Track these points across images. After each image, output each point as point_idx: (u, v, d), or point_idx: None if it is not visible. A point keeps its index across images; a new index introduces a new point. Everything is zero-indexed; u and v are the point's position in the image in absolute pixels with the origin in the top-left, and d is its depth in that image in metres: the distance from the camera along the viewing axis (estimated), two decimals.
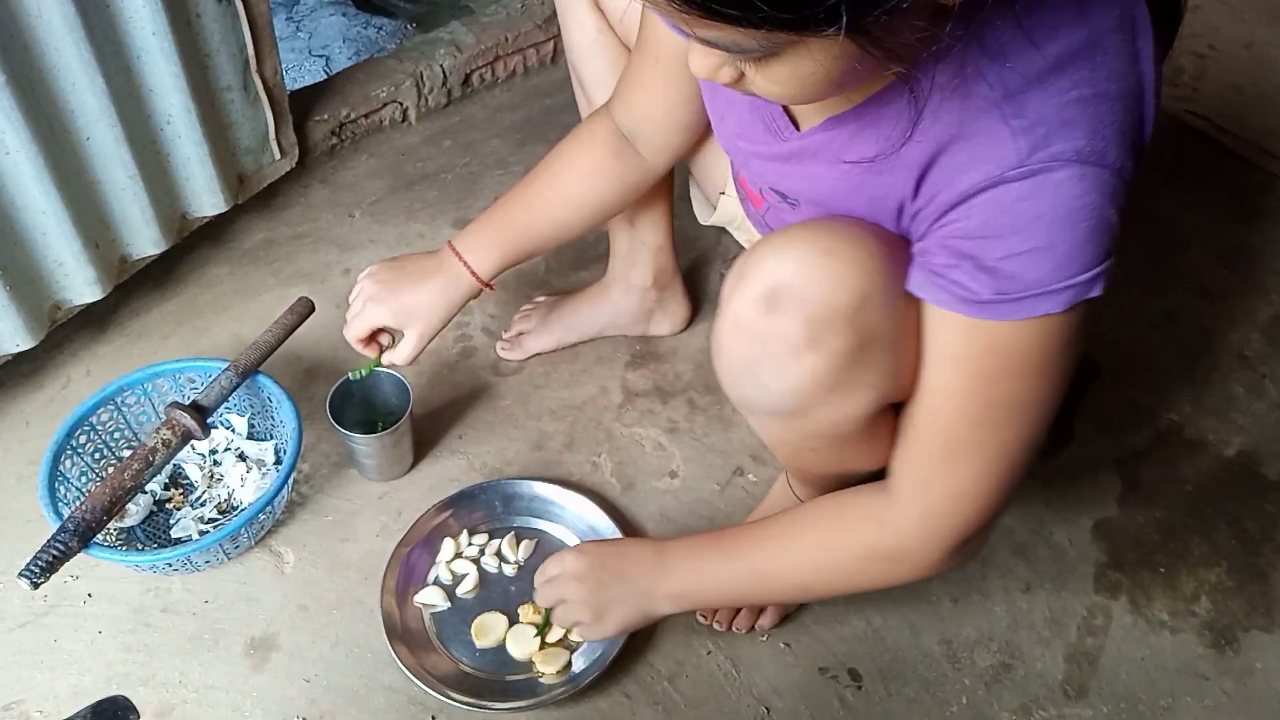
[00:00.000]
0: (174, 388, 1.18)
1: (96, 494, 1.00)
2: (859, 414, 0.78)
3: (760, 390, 0.78)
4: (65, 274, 1.21)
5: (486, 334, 1.38)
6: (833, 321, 0.71)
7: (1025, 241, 0.64)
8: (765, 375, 0.76)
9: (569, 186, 1.05)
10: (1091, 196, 0.62)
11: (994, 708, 1.03)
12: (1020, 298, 0.65)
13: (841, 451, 0.86)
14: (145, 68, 1.20)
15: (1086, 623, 1.11)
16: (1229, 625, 1.11)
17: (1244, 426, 1.30)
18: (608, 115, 1.03)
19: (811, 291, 0.71)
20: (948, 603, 1.11)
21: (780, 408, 0.79)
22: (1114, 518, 1.20)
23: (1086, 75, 0.62)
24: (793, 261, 0.72)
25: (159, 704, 1.01)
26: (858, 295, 0.71)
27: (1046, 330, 0.67)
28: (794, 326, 0.72)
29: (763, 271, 0.74)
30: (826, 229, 0.73)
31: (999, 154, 0.63)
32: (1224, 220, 1.60)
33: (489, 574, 1.11)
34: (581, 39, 1.09)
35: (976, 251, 0.66)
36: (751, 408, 0.84)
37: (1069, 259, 0.64)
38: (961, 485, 0.76)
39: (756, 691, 1.04)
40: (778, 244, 0.74)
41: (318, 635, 1.06)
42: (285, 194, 1.56)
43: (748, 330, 0.75)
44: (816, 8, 0.50)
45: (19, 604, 1.08)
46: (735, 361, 0.79)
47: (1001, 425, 0.73)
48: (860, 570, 0.84)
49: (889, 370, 0.75)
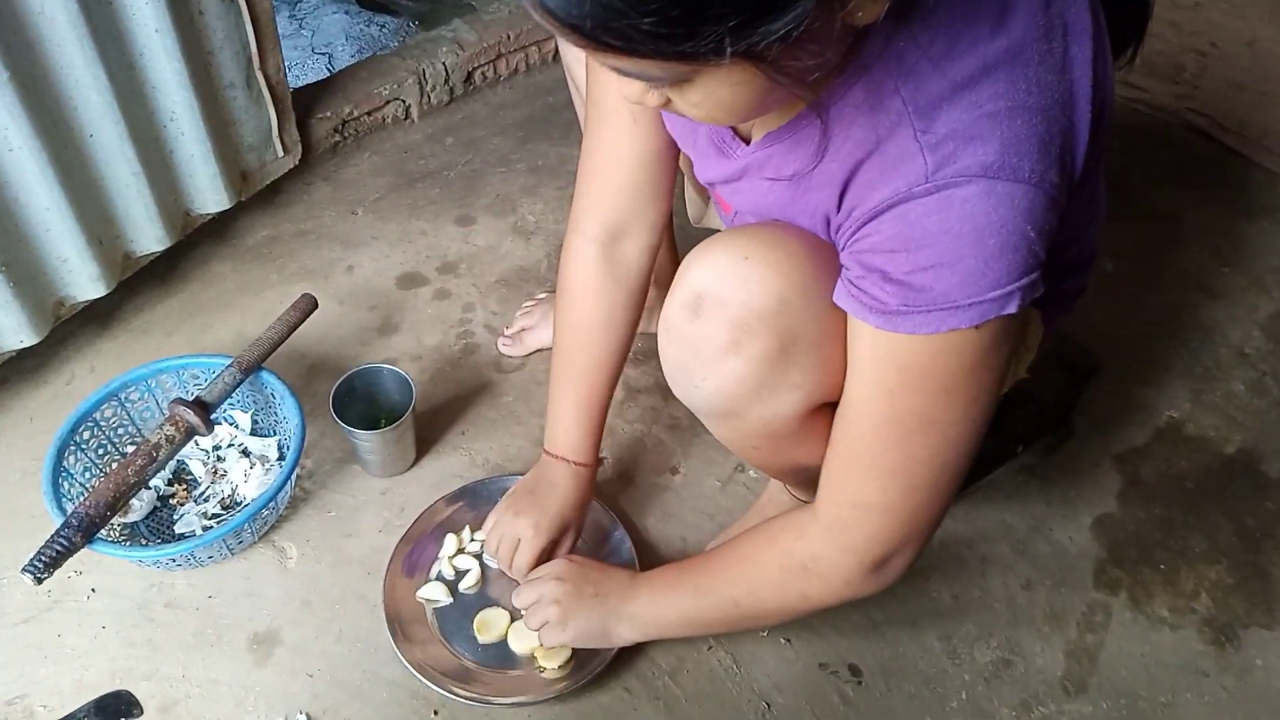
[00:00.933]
0: (178, 384, 1.18)
1: (100, 489, 1.00)
2: (788, 413, 0.79)
3: (693, 392, 0.81)
4: (69, 270, 1.22)
5: (489, 330, 1.39)
6: (752, 324, 0.74)
7: (931, 256, 0.63)
8: (695, 377, 0.79)
9: (598, 340, 1.03)
10: (1002, 213, 0.61)
11: (994, 703, 1.04)
12: (926, 310, 0.64)
13: (780, 448, 0.87)
14: (148, 65, 1.21)
15: (1086, 619, 1.11)
16: (1229, 622, 1.12)
17: (1244, 424, 1.31)
18: (585, 243, 0.98)
19: (731, 295, 0.74)
20: (948, 599, 1.11)
21: (713, 408, 0.82)
22: (1114, 514, 1.20)
23: (1003, 88, 0.61)
24: (715, 267, 0.75)
25: (162, 699, 1.01)
26: (775, 298, 0.73)
27: (955, 346, 0.66)
28: (717, 330, 0.75)
29: (689, 278, 0.77)
30: (749, 235, 0.76)
31: (908, 170, 0.63)
32: (1225, 217, 1.60)
33: (491, 569, 1.12)
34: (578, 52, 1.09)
35: (885, 265, 0.66)
36: (692, 407, 0.86)
37: (977, 275, 0.62)
38: (867, 497, 0.75)
39: (757, 687, 1.04)
40: (703, 251, 0.77)
41: (321, 630, 1.07)
42: (288, 191, 1.56)
43: (678, 334, 0.78)
44: (699, 40, 0.51)
45: (23, 599, 1.08)
46: (670, 364, 0.82)
47: (906, 441, 0.71)
48: (780, 582, 0.83)
49: (815, 370, 0.76)
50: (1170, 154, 1.70)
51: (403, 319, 1.40)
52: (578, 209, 0.98)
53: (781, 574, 0.83)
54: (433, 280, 1.45)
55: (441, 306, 1.42)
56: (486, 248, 1.51)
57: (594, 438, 1.05)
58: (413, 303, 1.42)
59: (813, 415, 0.81)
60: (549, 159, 1.65)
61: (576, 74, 1.14)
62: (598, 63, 0.58)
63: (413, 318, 1.40)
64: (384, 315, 1.40)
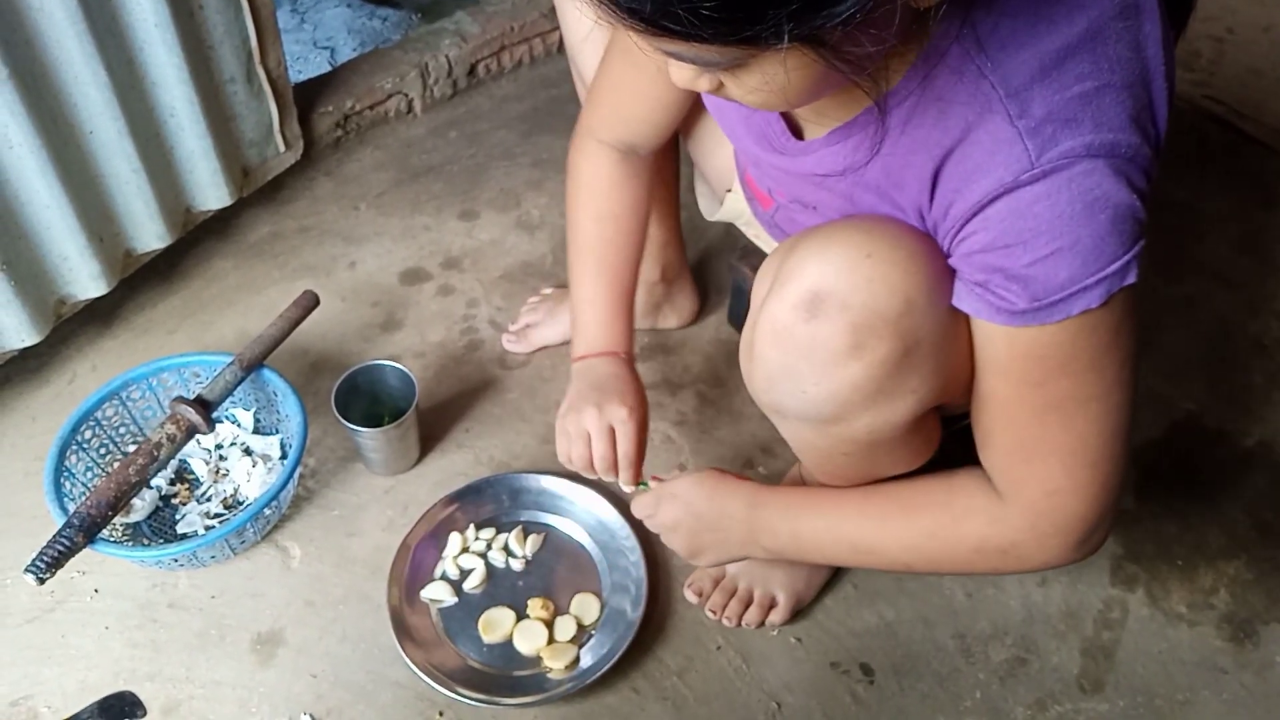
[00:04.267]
0: (179, 382, 1.17)
1: (102, 489, 1.00)
2: (900, 420, 0.76)
3: (798, 398, 0.76)
4: (70, 268, 1.21)
5: (493, 327, 1.37)
6: (877, 327, 0.70)
7: (1049, 244, 0.63)
8: (805, 382, 0.74)
9: (619, 227, 1.02)
10: (1106, 186, 0.62)
11: (1009, 702, 1.02)
12: (1055, 300, 0.65)
13: (874, 457, 0.84)
14: (148, 60, 1.20)
15: (1103, 616, 1.09)
16: (1248, 618, 1.10)
17: (1263, 416, 1.28)
18: (594, 142, 1.00)
19: (855, 297, 0.69)
20: (961, 596, 1.10)
21: (819, 415, 0.77)
22: (1130, 509, 1.18)
23: (1088, 68, 0.62)
24: (834, 265, 0.70)
25: (165, 699, 1.00)
26: (902, 299, 0.69)
27: (1090, 326, 0.67)
28: (837, 333, 0.70)
29: (803, 275, 0.71)
30: (866, 230, 0.72)
31: (1009, 157, 0.63)
32: (1242, 206, 1.57)
33: (496, 568, 1.10)
34: (580, 29, 1.08)
35: (1003, 262, 0.65)
36: (785, 413, 0.81)
37: (1095, 253, 0.63)
38: (1053, 482, 0.75)
39: (767, 687, 1.02)
40: (817, 246, 0.72)
41: (324, 630, 1.06)
42: (290, 187, 1.55)
43: (787, 336, 0.73)
44: (761, 24, 0.50)
45: (26, 599, 1.08)
46: (772, 368, 0.76)
47: (1070, 422, 0.72)
48: (975, 561, 0.82)
49: (934, 375, 0.74)
50: (1186, 141, 1.68)
51: (406, 315, 1.38)
52: (592, 119, 0.99)
53: (977, 555, 0.81)
54: (436, 276, 1.44)
55: (445, 302, 1.41)
56: (490, 242, 1.49)
57: (633, 331, 1.04)
58: (416, 299, 1.41)
59: (915, 422, 0.78)
60: (553, 152, 1.63)
61: (581, 66, 1.13)
62: (652, 48, 0.56)
63: (416, 314, 1.39)
64: (387, 311, 1.39)
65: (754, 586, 1.06)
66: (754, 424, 1.25)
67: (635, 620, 1.03)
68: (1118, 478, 0.76)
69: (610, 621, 1.05)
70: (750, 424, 1.25)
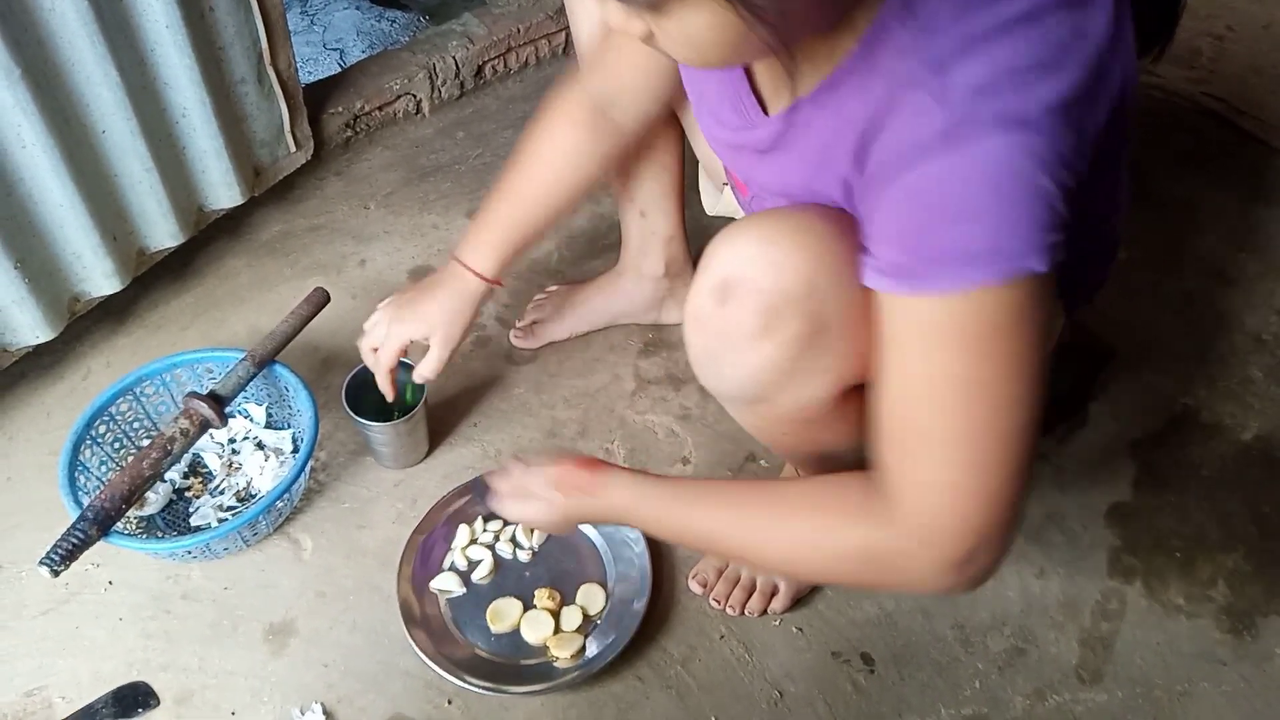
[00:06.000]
0: (192, 378, 1.19)
1: (115, 483, 1.01)
2: (820, 397, 0.79)
3: (721, 379, 0.81)
4: (84, 266, 1.23)
5: (500, 323, 1.39)
6: (783, 309, 0.73)
7: (951, 212, 0.62)
8: (724, 365, 0.78)
9: (554, 172, 1.05)
10: (1019, 163, 0.60)
11: (1007, 692, 1.03)
12: (949, 268, 0.63)
13: (811, 433, 0.86)
14: (159, 61, 1.21)
15: (1101, 607, 1.10)
16: (1247, 610, 1.11)
17: (1261, 410, 1.29)
18: (578, 88, 1.02)
19: (761, 279, 0.73)
20: None
21: (742, 395, 0.81)
22: (1128, 502, 1.20)
23: (1021, 46, 0.60)
24: (742, 251, 0.74)
25: (179, 689, 1.02)
26: (805, 281, 0.72)
27: (985, 304, 0.63)
28: (746, 316, 0.74)
29: (715, 263, 0.76)
30: (774, 218, 0.75)
31: (923, 124, 0.62)
32: (1241, 203, 1.58)
33: (504, 560, 1.12)
34: (591, 30, 1.10)
35: (906, 226, 0.64)
36: (719, 395, 0.86)
37: (998, 227, 0.61)
38: (932, 476, 0.68)
39: (769, 675, 1.04)
40: (729, 235, 0.76)
41: (335, 621, 1.07)
42: (301, 186, 1.57)
43: (705, 321, 0.77)
44: None
45: (41, 591, 1.09)
46: (697, 352, 0.81)
47: (951, 409, 0.66)
48: (861, 573, 0.76)
49: (846, 354, 0.76)
50: (1186, 139, 1.69)
51: None
52: (584, 64, 1.02)
53: (859, 566, 0.74)
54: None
55: None
56: None
57: (501, 255, 1.06)
58: None
59: (844, 398, 0.80)
60: None
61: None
62: None
63: None
64: None
65: (756, 575, 1.07)
66: None
67: (640, 610, 1.05)
68: (1007, 493, 0.67)
69: (615, 611, 1.07)
70: None
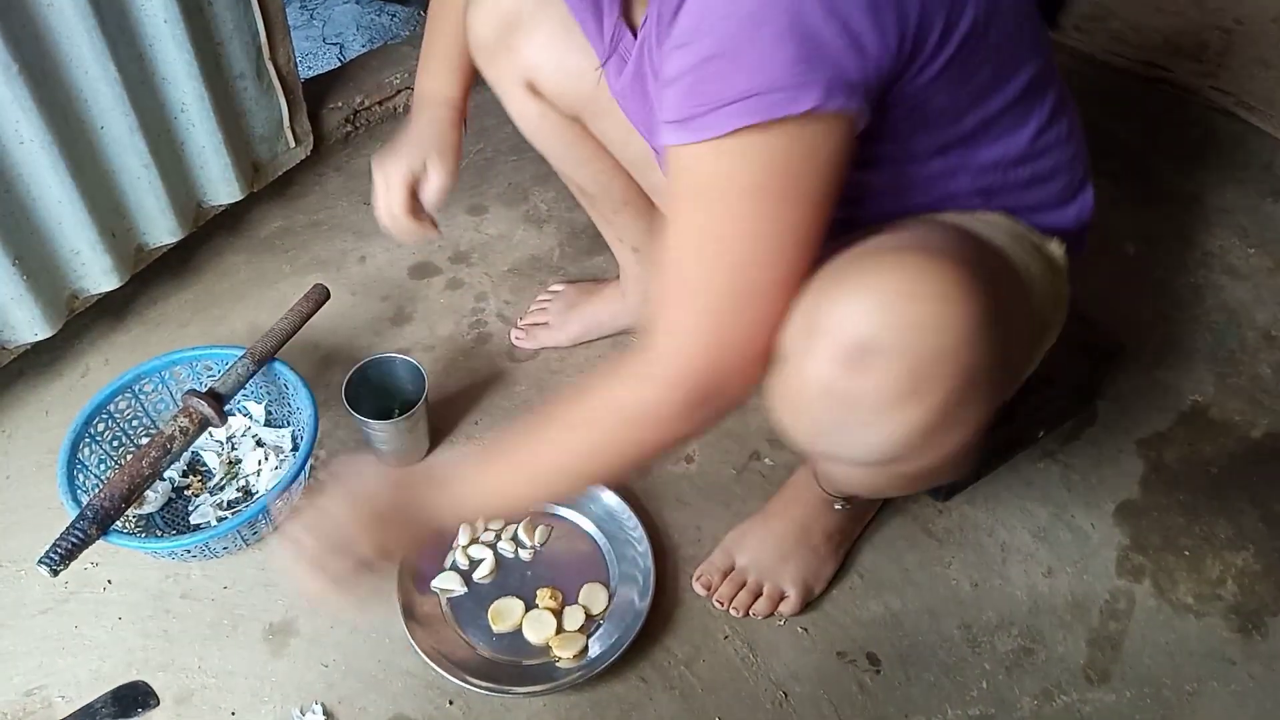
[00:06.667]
0: (191, 375, 1.18)
1: (114, 481, 1.01)
2: (964, 441, 0.70)
3: (852, 448, 0.70)
4: (82, 263, 1.22)
5: (501, 320, 1.38)
6: (934, 371, 0.64)
7: (711, 46, 0.60)
8: (859, 434, 0.68)
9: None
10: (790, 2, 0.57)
11: (1015, 692, 1.02)
12: (712, 109, 0.61)
13: (933, 475, 0.76)
14: (158, 56, 1.21)
15: (1109, 607, 1.09)
16: (1256, 609, 1.09)
17: (1271, 407, 1.28)
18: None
19: (905, 344, 0.63)
20: (967, 587, 1.10)
21: (874, 459, 0.71)
22: (1137, 500, 1.18)
23: None
24: (876, 314, 0.63)
25: (178, 689, 1.01)
26: (957, 337, 0.63)
27: (747, 149, 0.62)
28: (890, 382, 0.64)
29: (842, 327, 0.64)
30: (903, 263, 0.65)
31: None
32: (1251, 197, 1.57)
33: (505, 559, 1.11)
34: (527, 127, 1.12)
35: (677, 66, 0.62)
36: (836, 459, 0.76)
37: (757, 66, 0.59)
38: (677, 322, 0.69)
39: (774, 676, 1.03)
40: (851, 290, 0.65)
41: (336, 621, 1.06)
42: (300, 182, 1.56)
43: (832, 392, 0.66)
44: None
45: (40, 591, 1.09)
46: (821, 423, 0.70)
47: (702, 257, 0.67)
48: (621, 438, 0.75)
49: (996, 390, 0.69)
50: (1193, 133, 1.67)
51: (415, 309, 1.39)
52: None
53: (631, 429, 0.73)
54: (445, 270, 1.45)
55: (454, 296, 1.41)
56: (498, 236, 1.50)
57: (461, 81, 1.06)
58: (425, 292, 1.41)
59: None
60: None
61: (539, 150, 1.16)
62: None
63: (425, 307, 1.39)
64: (396, 305, 1.40)
65: (763, 580, 1.06)
66: (760, 416, 1.25)
67: (643, 610, 1.04)
68: (744, 335, 0.69)
69: (618, 611, 1.06)
70: (756, 416, 1.26)
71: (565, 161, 1.15)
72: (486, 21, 1.02)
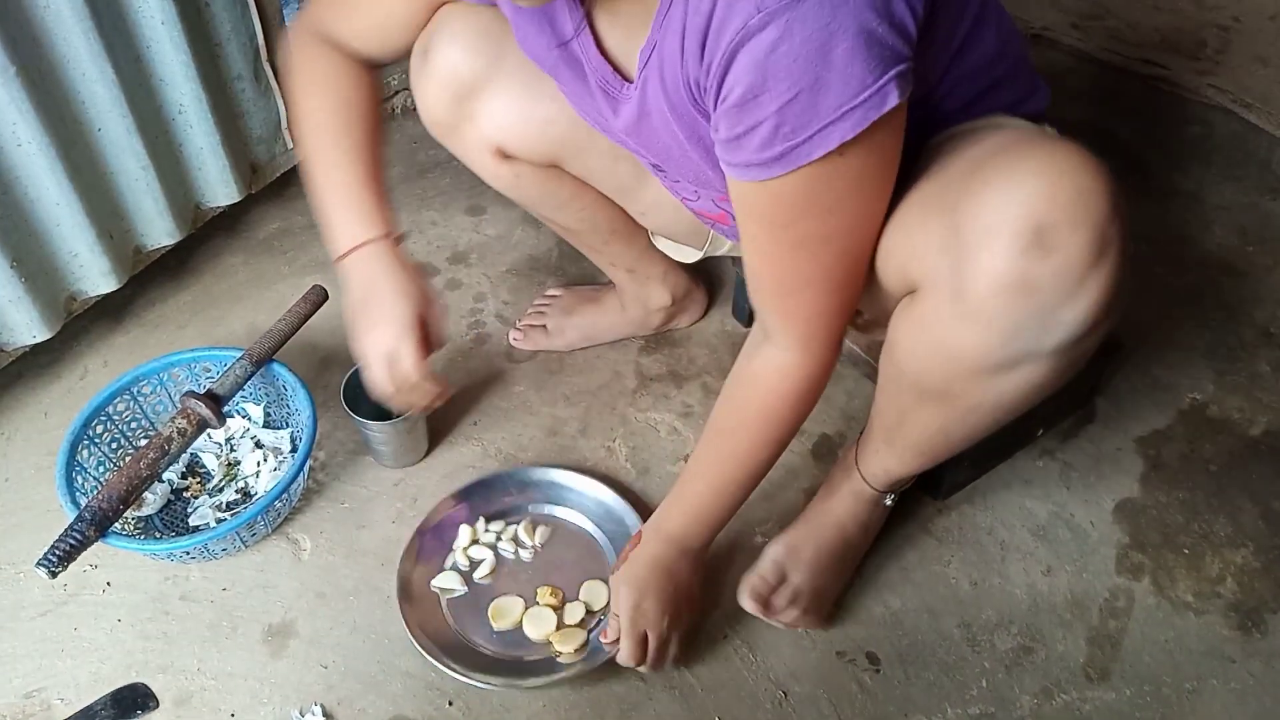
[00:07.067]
0: (190, 377, 1.18)
1: (113, 483, 1.00)
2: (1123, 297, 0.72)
3: (1047, 334, 0.71)
4: (80, 265, 1.22)
5: (500, 320, 1.38)
6: (1108, 227, 0.66)
7: (789, 86, 0.63)
8: (1056, 315, 0.69)
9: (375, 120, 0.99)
10: (840, 18, 0.60)
11: (1014, 691, 1.02)
12: (807, 139, 0.65)
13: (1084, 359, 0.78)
14: (155, 57, 1.21)
15: (1109, 605, 1.09)
16: (1256, 607, 1.09)
17: (1270, 405, 1.28)
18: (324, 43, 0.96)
19: (1078, 212, 0.65)
20: (966, 586, 1.10)
21: (1073, 336, 0.71)
22: (1136, 499, 1.18)
23: None
24: (1036, 196, 0.65)
25: (178, 691, 1.01)
26: (1114, 192, 0.66)
27: (846, 160, 0.67)
28: (1078, 250, 0.66)
29: (1008, 221, 0.66)
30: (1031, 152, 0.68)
31: (742, 7, 0.62)
32: (1249, 195, 1.57)
33: (505, 559, 1.11)
34: (503, 187, 1.10)
35: (754, 114, 0.65)
36: (1023, 359, 0.74)
37: (839, 86, 0.62)
38: (813, 307, 0.80)
39: (774, 676, 1.03)
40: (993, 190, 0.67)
41: (335, 621, 1.06)
42: (298, 184, 1.55)
43: (1024, 283, 0.67)
44: None
45: (39, 593, 1.09)
46: (1013, 323, 0.70)
47: (816, 256, 0.76)
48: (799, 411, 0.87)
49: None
50: (1192, 131, 1.67)
51: None
52: (324, 13, 0.96)
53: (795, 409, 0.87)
54: (443, 270, 1.45)
55: (453, 296, 1.41)
56: (497, 237, 1.50)
57: (391, 210, 0.97)
58: None
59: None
60: None
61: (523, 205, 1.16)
62: None
63: None
64: None
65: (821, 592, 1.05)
66: None
67: None
68: (860, 288, 0.81)
69: None
70: None
71: (546, 207, 1.13)
72: (439, 97, 0.99)
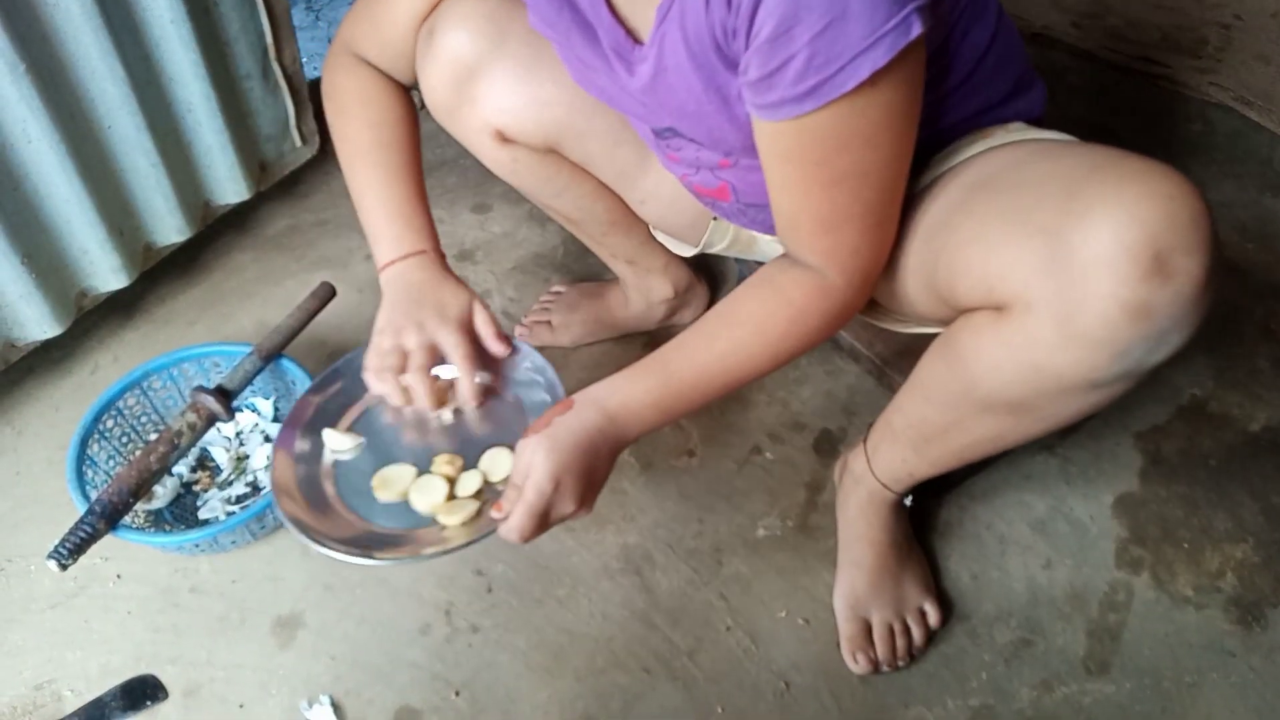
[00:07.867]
0: (199, 372, 1.20)
1: (123, 476, 1.02)
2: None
3: (1155, 353, 0.71)
4: (91, 262, 1.23)
5: (506, 317, 1.39)
6: (1213, 250, 0.66)
7: (820, 18, 0.64)
8: (1167, 337, 0.69)
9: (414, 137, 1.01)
10: None
11: (1014, 684, 1.03)
12: (839, 70, 0.66)
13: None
14: (165, 56, 1.22)
15: (1108, 598, 1.10)
16: (1255, 601, 1.10)
17: (1269, 401, 1.29)
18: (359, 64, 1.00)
19: (1192, 236, 0.65)
20: (966, 579, 1.11)
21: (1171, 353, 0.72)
22: (1135, 493, 1.19)
23: None
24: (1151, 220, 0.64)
25: (187, 682, 1.03)
26: (1207, 212, 0.66)
27: (879, 90, 0.68)
28: (1196, 274, 0.66)
29: (1119, 243, 0.65)
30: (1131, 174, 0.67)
31: None
32: (1249, 192, 1.57)
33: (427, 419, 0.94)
34: (502, 172, 1.10)
35: (785, 49, 0.66)
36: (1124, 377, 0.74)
37: (868, 13, 0.64)
38: (855, 243, 0.79)
39: (775, 667, 1.04)
40: (1102, 209, 0.66)
41: (342, 613, 1.08)
42: (307, 181, 1.57)
43: (1144, 308, 0.67)
44: None
45: (50, 585, 1.10)
46: (1125, 347, 0.70)
47: (857, 193, 0.76)
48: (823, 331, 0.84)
49: None
50: (1192, 129, 1.68)
51: None
52: (355, 34, 0.99)
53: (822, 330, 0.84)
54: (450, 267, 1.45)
55: None
56: (503, 234, 1.51)
57: (435, 227, 0.99)
58: None
59: None
60: None
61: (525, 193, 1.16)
62: None
63: None
64: None
65: (903, 614, 1.05)
66: (761, 410, 1.26)
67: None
68: (895, 231, 0.82)
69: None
70: (758, 410, 1.27)
71: (545, 194, 1.13)
72: (441, 79, 1.00)
